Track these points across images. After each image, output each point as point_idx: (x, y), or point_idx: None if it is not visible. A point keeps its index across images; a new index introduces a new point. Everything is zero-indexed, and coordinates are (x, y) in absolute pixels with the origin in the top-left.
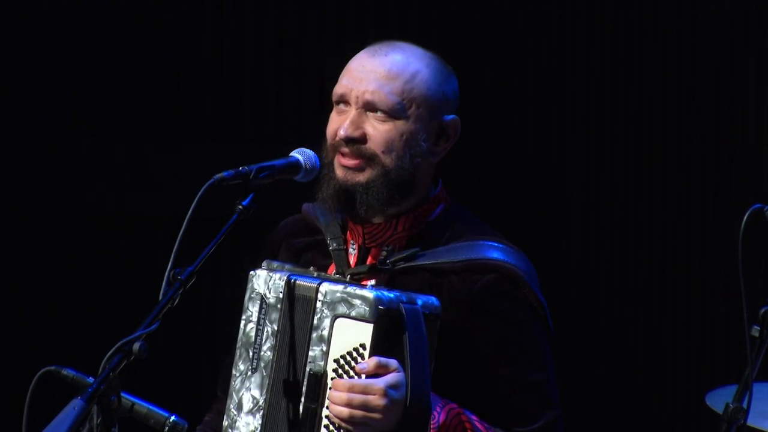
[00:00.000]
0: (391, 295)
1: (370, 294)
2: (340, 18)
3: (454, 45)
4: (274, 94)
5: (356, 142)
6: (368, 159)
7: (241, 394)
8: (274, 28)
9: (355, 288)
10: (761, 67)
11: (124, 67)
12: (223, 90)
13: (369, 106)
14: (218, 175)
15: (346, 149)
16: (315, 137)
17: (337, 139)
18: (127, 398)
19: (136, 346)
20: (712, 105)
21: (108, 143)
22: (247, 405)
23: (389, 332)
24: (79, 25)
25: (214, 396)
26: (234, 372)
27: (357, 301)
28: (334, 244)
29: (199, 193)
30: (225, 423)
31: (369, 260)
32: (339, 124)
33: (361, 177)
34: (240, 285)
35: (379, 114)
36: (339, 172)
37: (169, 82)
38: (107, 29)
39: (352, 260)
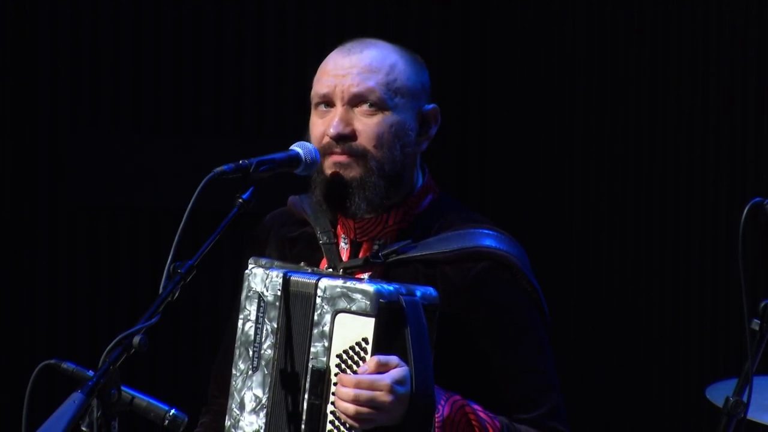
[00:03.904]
0: (391, 288)
1: (370, 288)
2: (340, 13)
3: (454, 45)
4: (273, 89)
5: (347, 139)
6: (360, 156)
7: (243, 393)
8: (274, 25)
9: (354, 282)
10: (760, 61)
11: (124, 63)
12: (223, 85)
13: (356, 100)
14: (218, 169)
15: (337, 149)
16: None
17: (327, 139)
18: (127, 392)
19: (136, 339)
20: (712, 99)
21: (108, 138)
22: (249, 404)
23: (390, 325)
24: (80, 20)
25: (206, 398)
26: (234, 371)
27: (357, 296)
28: (325, 238)
29: (199, 187)
30: (228, 423)
31: (361, 255)
32: (325, 125)
33: (355, 173)
34: (240, 279)
35: (366, 107)
36: (332, 170)
37: (168, 76)
38: (108, 24)
39: (345, 255)
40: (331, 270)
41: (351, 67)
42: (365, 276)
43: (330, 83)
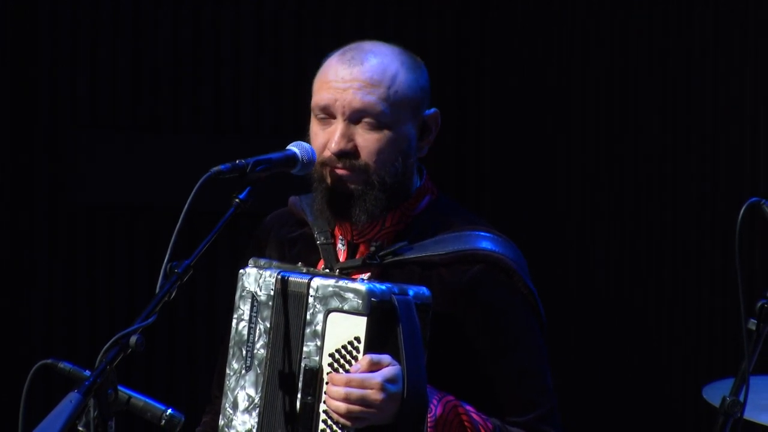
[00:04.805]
0: (383, 287)
1: (362, 287)
2: (339, 13)
3: (452, 44)
4: (272, 88)
5: (348, 156)
6: (361, 171)
7: (236, 392)
8: (273, 25)
9: (346, 282)
10: (760, 61)
11: (123, 60)
12: (221, 83)
13: (357, 116)
14: (215, 169)
15: (338, 164)
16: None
17: (329, 153)
18: (123, 391)
19: (133, 339)
20: (710, 98)
21: (107, 136)
22: (242, 404)
23: (383, 324)
24: (79, 18)
25: (209, 397)
26: (228, 371)
27: (349, 295)
28: (322, 239)
29: (196, 187)
30: (221, 422)
31: (358, 256)
32: (326, 137)
33: (356, 185)
34: (236, 279)
35: (367, 123)
36: (332, 179)
37: (167, 75)
38: (107, 22)
39: (342, 256)
40: (327, 270)
41: (352, 81)
42: (363, 276)
43: (331, 96)
